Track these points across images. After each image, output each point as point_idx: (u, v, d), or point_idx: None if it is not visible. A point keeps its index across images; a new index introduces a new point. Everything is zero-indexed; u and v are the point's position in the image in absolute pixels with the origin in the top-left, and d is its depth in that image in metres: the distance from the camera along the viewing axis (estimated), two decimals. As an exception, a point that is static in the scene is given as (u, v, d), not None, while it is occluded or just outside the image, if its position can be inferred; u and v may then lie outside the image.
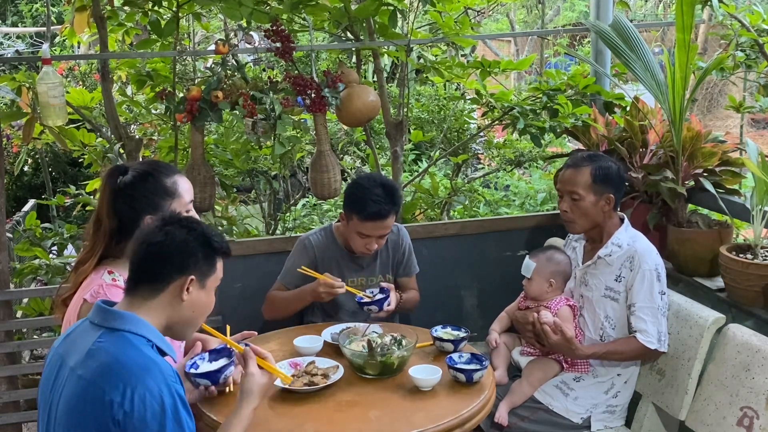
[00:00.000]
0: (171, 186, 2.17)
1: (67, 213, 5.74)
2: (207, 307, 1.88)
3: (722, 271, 2.85)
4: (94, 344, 1.71)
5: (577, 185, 2.72)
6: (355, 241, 2.90)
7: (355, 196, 2.86)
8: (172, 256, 1.79)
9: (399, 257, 3.11)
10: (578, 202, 2.72)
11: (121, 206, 2.13)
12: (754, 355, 2.37)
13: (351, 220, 2.87)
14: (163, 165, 2.26)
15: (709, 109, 10.74)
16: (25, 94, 3.54)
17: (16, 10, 11.48)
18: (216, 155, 4.26)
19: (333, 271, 2.99)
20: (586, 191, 2.70)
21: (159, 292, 1.79)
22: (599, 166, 2.73)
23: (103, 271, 2.12)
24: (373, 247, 2.89)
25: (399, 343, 2.46)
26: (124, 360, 1.67)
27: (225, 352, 2.19)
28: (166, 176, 2.18)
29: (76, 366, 1.71)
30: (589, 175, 2.71)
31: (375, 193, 2.81)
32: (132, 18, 3.77)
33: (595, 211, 2.72)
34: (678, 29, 2.91)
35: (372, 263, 3.05)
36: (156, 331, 1.78)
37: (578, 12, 11.82)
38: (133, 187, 2.14)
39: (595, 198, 2.70)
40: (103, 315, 1.77)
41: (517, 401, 2.71)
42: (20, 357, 3.54)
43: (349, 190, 2.94)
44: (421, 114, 5.25)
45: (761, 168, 2.73)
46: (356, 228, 2.85)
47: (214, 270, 1.87)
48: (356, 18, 3.61)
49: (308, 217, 5.21)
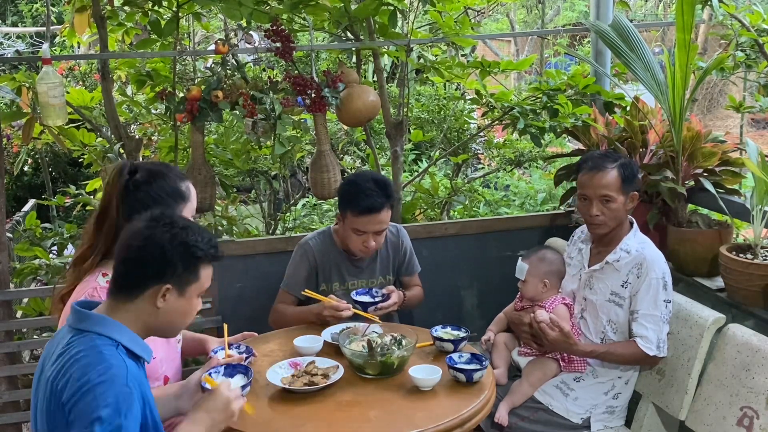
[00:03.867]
0: (185, 190, 2.17)
1: (67, 213, 5.74)
2: (187, 314, 1.84)
3: (722, 271, 2.85)
4: (62, 347, 1.71)
5: (607, 187, 2.67)
6: (352, 241, 2.88)
7: (348, 193, 2.85)
8: (148, 263, 1.74)
9: (400, 258, 3.10)
10: (610, 204, 2.68)
11: (134, 204, 2.10)
12: (754, 355, 2.37)
13: (346, 218, 2.86)
14: (176, 169, 2.26)
15: (709, 109, 10.73)
16: (25, 94, 3.54)
17: (16, 10, 11.48)
18: (216, 155, 4.26)
19: (333, 275, 2.99)
20: (617, 192, 2.67)
21: (135, 297, 1.76)
22: (623, 164, 2.71)
23: (97, 274, 2.11)
24: (371, 245, 2.86)
25: (399, 343, 2.45)
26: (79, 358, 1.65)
27: (241, 368, 2.14)
28: (180, 179, 2.19)
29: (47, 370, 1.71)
30: (617, 175, 2.68)
31: (367, 187, 2.80)
32: (132, 18, 3.77)
33: (624, 211, 2.72)
34: (678, 29, 2.91)
35: (372, 265, 3.04)
36: (130, 332, 1.75)
37: (578, 12, 11.81)
38: (149, 186, 2.13)
39: (624, 198, 2.69)
40: (76, 316, 1.76)
41: (517, 401, 2.71)
42: (20, 357, 3.53)
43: (342, 189, 2.94)
44: (421, 114, 5.25)
45: (761, 168, 2.73)
46: (352, 225, 2.84)
47: (196, 278, 1.80)
48: (356, 18, 3.61)
49: (308, 217, 5.21)
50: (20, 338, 3.67)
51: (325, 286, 2.99)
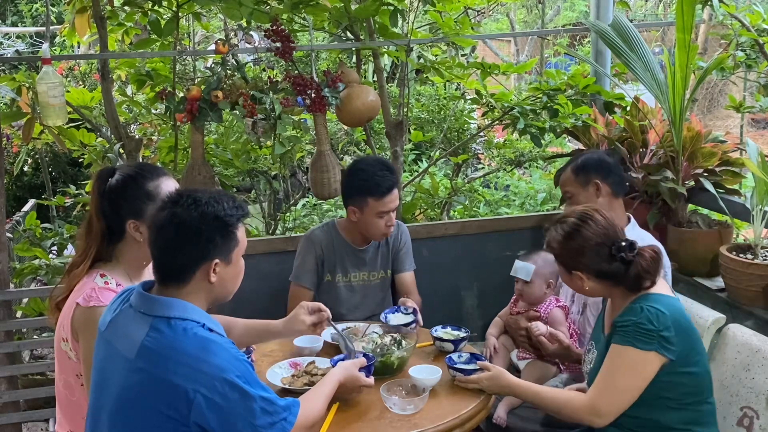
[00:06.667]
0: (153, 190, 2.14)
1: (67, 213, 5.73)
2: (238, 276, 1.90)
3: (722, 271, 2.85)
4: (147, 337, 1.74)
5: (565, 185, 2.90)
6: (376, 226, 2.90)
7: (364, 181, 2.87)
8: (189, 248, 1.78)
9: (395, 252, 3.11)
10: (572, 199, 2.86)
11: (107, 210, 2.13)
12: (754, 355, 2.36)
13: (366, 206, 2.87)
14: (149, 168, 2.23)
15: (709, 109, 10.73)
16: (25, 94, 3.54)
17: (16, 10, 11.47)
18: (216, 155, 4.26)
19: (337, 267, 3.01)
20: (573, 186, 2.86)
21: (189, 280, 1.80)
22: (578, 159, 2.89)
23: (95, 275, 2.11)
24: (393, 221, 2.93)
25: (399, 343, 2.45)
26: (183, 347, 1.71)
27: None
28: (150, 180, 2.15)
29: (131, 356, 1.74)
30: (570, 171, 2.87)
31: (379, 169, 2.88)
32: (132, 18, 3.77)
33: (589, 202, 2.77)
34: (678, 29, 2.92)
35: (374, 258, 3.07)
36: (202, 311, 1.81)
37: (578, 12, 11.82)
38: (117, 192, 2.13)
39: (582, 189, 2.82)
40: (149, 303, 1.79)
41: (516, 402, 2.71)
42: (20, 357, 3.53)
43: (350, 180, 2.94)
44: (421, 114, 5.25)
45: (761, 168, 2.73)
46: (376, 209, 2.86)
47: (237, 242, 1.85)
48: (356, 18, 3.61)
49: (308, 217, 5.21)
50: (20, 338, 3.68)
51: (329, 276, 3.02)
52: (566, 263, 2.25)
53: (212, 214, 1.78)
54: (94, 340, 1.98)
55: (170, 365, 1.70)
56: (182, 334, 1.73)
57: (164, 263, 1.81)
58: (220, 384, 1.69)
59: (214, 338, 1.75)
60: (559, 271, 2.32)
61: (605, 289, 2.24)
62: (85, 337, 2.03)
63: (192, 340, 1.73)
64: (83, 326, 2.03)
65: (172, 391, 1.68)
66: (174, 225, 1.77)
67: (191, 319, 1.77)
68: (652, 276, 2.18)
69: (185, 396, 1.67)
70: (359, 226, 2.95)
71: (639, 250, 2.18)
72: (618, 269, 2.17)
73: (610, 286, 2.22)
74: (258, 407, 1.72)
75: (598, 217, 2.21)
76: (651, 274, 2.17)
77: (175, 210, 1.78)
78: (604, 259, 2.18)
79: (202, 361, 1.70)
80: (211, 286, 1.82)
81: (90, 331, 2.01)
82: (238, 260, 1.88)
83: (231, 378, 1.70)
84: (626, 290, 2.21)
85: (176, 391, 1.68)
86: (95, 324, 1.97)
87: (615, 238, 2.19)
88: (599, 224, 2.20)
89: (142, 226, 2.11)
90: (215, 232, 1.79)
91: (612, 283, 2.21)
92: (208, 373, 1.69)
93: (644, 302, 2.15)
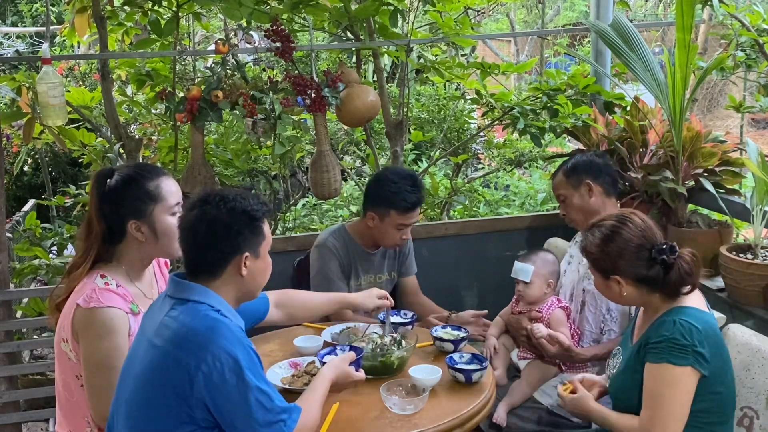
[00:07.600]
0: (154, 190, 2.15)
1: (67, 213, 5.73)
2: (266, 271, 1.99)
3: (722, 271, 2.85)
4: (166, 316, 1.81)
5: (557, 188, 2.96)
6: (391, 236, 2.93)
7: (390, 192, 2.89)
8: (220, 242, 1.86)
9: (402, 256, 3.16)
10: (565, 202, 2.92)
11: (107, 211, 2.13)
12: (754, 355, 2.36)
13: (387, 216, 2.90)
14: (148, 168, 2.23)
15: (709, 109, 10.74)
16: (25, 94, 3.54)
17: (16, 10, 11.47)
18: (216, 155, 4.26)
19: (351, 272, 3.02)
20: (565, 189, 2.91)
21: (220, 275, 1.88)
22: (569, 162, 2.95)
23: (95, 276, 2.11)
24: (408, 235, 2.99)
25: (399, 343, 2.45)
26: (193, 326, 1.77)
27: None
28: (150, 180, 2.16)
29: (152, 336, 1.80)
30: (561, 174, 2.94)
31: (410, 184, 2.91)
32: (132, 18, 3.77)
33: (582, 202, 2.87)
34: (678, 29, 2.92)
35: (381, 261, 3.11)
36: (224, 302, 1.87)
37: (578, 12, 11.81)
38: (117, 193, 2.13)
39: (574, 191, 2.87)
40: (175, 287, 1.87)
41: (516, 402, 2.71)
42: (20, 357, 3.53)
43: (377, 188, 2.95)
44: (421, 114, 5.24)
45: (761, 168, 2.74)
46: (396, 221, 2.90)
47: (264, 237, 1.95)
48: (356, 18, 3.61)
49: (308, 217, 5.21)
50: (20, 338, 3.68)
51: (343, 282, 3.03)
52: (604, 268, 2.18)
53: (240, 209, 1.88)
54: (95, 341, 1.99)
55: (179, 341, 1.75)
56: (194, 314, 1.79)
57: (197, 260, 1.88)
58: (220, 363, 1.72)
59: (226, 322, 1.80)
60: (595, 280, 2.26)
61: (642, 296, 2.18)
62: (85, 338, 2.03)
63: (203, 320, 1.78)
64: (83, 327, 2.03)
65: (177, 367, 1.73)
66: (205, 222, 1.85)
67: (208, 303, 1.82)
68: (692, 278, 2.12)
69: (188, 372, 1.71)
70: (374, 232, 2.98)
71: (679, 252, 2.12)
72: (657, 274, 2.11)
73: (647, 292, 2.16)
74: (253, 398, 1.74)
75: (636, 219, 2.17)
76: (692, 276, 2.11)
77: (205, 208, 1.87)
78: (644, 262, 2.12)
79: (208, 339, 1.74)
80: (242, 280, 1.90)
81: (90, 332, 2.01)
82: (266, 255, 1.97)
83: (232, 360, 1.73)
84: (663, 297, 2.16)
85: (180, 367, 1.72)
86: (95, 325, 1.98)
87: (654, 241, 2.14)
88: (638, 226, 2.15)
89: (144, 226, 2.12)
90: (244, 226, 1.88)
91: (649, 289, 2.16)
92: (211, 351, 1.72)
93: (677, 315, 2.09)
